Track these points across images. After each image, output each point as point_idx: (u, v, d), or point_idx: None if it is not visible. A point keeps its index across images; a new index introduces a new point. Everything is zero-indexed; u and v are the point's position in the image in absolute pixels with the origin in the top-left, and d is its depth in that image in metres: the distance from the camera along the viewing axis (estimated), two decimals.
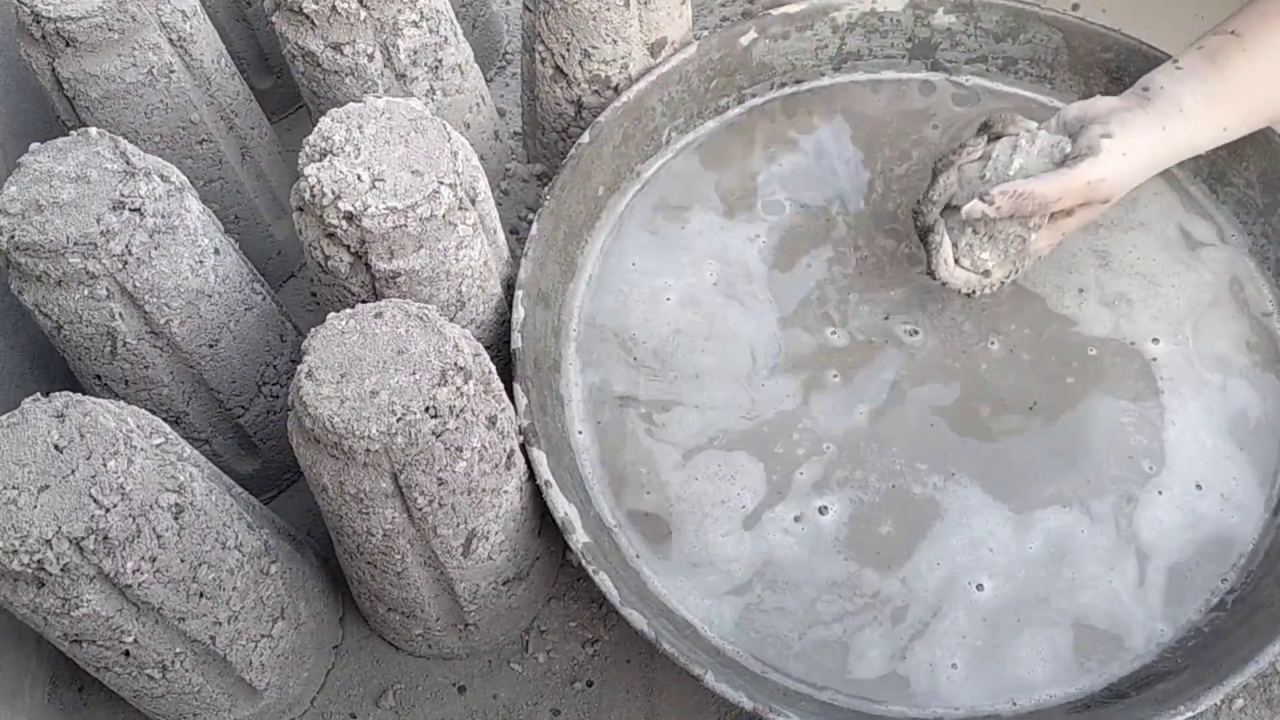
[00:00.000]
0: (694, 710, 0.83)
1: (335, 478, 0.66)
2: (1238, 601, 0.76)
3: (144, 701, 0.74)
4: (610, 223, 0.95)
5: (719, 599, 0.78)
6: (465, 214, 0.74)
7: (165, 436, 0.67)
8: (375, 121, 0.74)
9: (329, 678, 0.86)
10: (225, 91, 0.93)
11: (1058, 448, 0.82)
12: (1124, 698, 0.73)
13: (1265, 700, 0.81)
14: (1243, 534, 0.79)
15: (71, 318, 0.74)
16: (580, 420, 0.86)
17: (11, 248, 0.70)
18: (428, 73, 0.92)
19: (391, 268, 0.72)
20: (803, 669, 0.75)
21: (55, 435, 0.62)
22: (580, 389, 0.87)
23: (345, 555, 0.77)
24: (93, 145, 0.74)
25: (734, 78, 1.00)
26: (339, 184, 0.70)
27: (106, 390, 0.80)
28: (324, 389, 0.64)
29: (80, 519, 0.60)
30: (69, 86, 0.83)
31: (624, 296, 0.91)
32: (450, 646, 0.84)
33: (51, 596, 0.61)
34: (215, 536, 0.68)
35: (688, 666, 0.69)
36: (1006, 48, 1.00)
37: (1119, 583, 0.77)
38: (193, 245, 0.76)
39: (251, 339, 0.83)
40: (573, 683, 0.85)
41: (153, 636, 0.67)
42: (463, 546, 0.72)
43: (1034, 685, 0.74)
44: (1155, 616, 0.76)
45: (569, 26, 0.92)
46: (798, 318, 0.89)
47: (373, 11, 0.86)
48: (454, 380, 0.65)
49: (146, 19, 0.83)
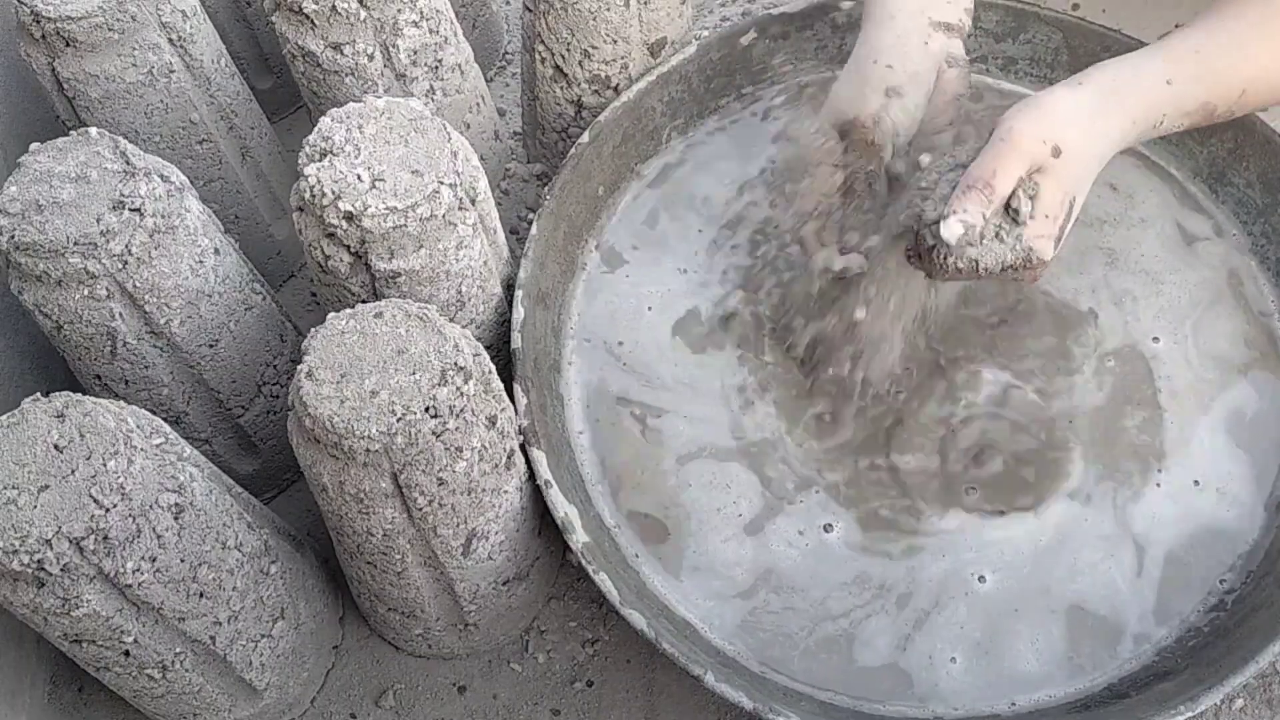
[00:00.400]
0: (694, 710, 0.83)
1: (335, 478, 0.66)
2: (1238, 601, 0.76)
3: (144, 701, 0.74)
4: (610, 223, 0.95)
5: (719, 599, 0.78)
6: (465, 214, 0.74)
7: (165, 436, 0.67)
8: (375, 121, 0.74)
9: (329, 678, 0.86)
10: (225, 91, 0.93)
11: (1059, 444, 0.83)
12: (1124, 698, 0.73)
13: (1265, 700, 0.81)
14: (1241, 532, 0.79)
15: (71, 318, 0.74)
16: (580, 420, 0.86)
17: (11, 248, 0.70)
18: (428, 73, 0.92)
19: (391, 268, 0.72)
20: (803, 668, 0.76)
21: (55, 435, 0.62)
22: (580, 389, 0.87)
23: (345, 555, 0.77)
24: (93, 145, 0.74)
25: (734, 78, 1.00)
26: (339, 184, 0.70)
27: (106, 390, 0.80)
28: (324, 389, 0.65)
29: (80, 519, 0.60)
30: (69, 86, 0.83)
31: (620, 298, 0.91)
32: (450, 646, 0.84)
33: (51, 596, 0.61)
34: (215, 536, 0.68)
35: (688, 666, 0.69)
36: (1006, 48, 1.00)
37: (1119, 579, 0.77)
38: (193, 245, 0.76)
39: (251, 339, 0.83)
40: (573, 683, 0.85)
41: (153, 636, 0.67)
42: (463, 546, 0.72)
43: (1033, 681, 0.74)
44: (1154, 614, 0.76)
45: (569, 26, 0.92)
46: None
47: (373, 11, 0.86)
48: (454, 380, 0.65)
49: (146, 19, 0.83)
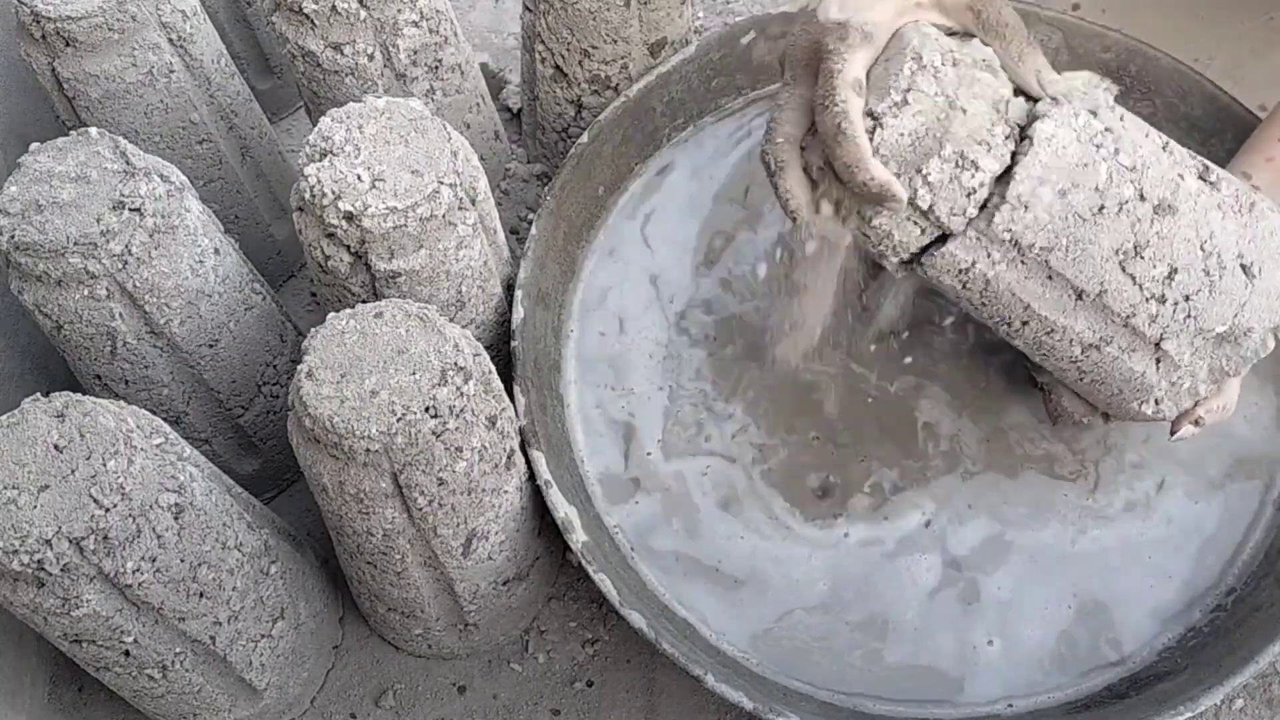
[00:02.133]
0: (694, 710, 0.83)
1: (335, 478, 0.66)
2: (1238, 601, 0.76)
3: (144, 701, 0.74)
4: (610, 223, 0.95)
5: (719, 599, 0.78)
6: (465, 214, 0.74)
7: (165, 436, 0.67)
8: (375, 121, 0.74)
9: (329, 678, 0.86)
10: (225, 91, 0.93)
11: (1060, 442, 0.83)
12: (1124, 698, 0.73)
13: (1265, 700, 0.81)
14: (1241, 530, 0.79)
15: (71, 318, 0.74)
16: (580, 420, 0.86)
17: (11, 248, 0.70)
18: (428, 73, 0.92)
19: (391, 268, 0.72)
20: (806, 669, 0.76)
21: (55, 435, 0.62)
22: (580, 389, 0.87)
23: (345, 555, 0.77)
24: (93, 145, 0.74)
25: (734, 78, 1.00)
26: (339, 184, 0.70)
27: (106, 390, 0.80)
28: (324, 389, 0.65)
29: (80, 519, 0.60)
30: (69, 86, 0.83)
31: (620, 297, 0.91)
32: (450, 646, 0.84)
33: (51, 596, 0.61)
34: (215, 536, 0.68)
35: (687, 666, 0.69)
36: None
37: (1121, 575, 0.78)
38: (193, 245, 0.76)
39: (251, 339, 0.83)
40: (573, 683, 0.85)
41: (153, 636, 0.67)
42: (463, 546, 0.72)
43: (1036, 679, 0.75)
44: (1154, 614, 0.77)
45: (569, 26, 0.92)
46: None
47: (373, 11, 0.86)
48: (454, 380, 0.65)
49: (146, 19, 0.83)
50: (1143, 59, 0.93)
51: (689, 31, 1.00)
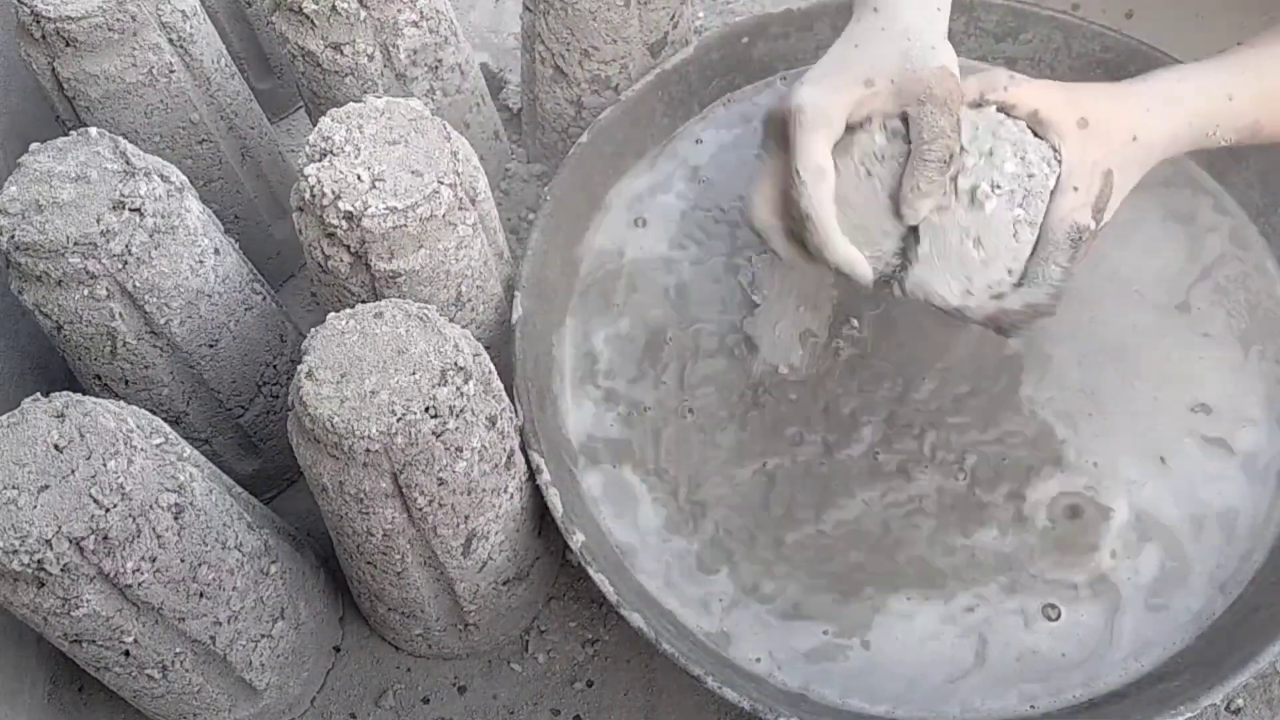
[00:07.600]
0: (694, 710, 0.83)
1: (335, 478, 0.66)
2: (1238, 601, 0.76)
3: (144, 701, 0.74)
4: (610, 222, 0.95)
5: (720, 599, 0.78)
6: (465, 214, 0.74)
7: (165, 436, 0.67)
8: (375, 121, 0.74)
9: (329, 678, 0.86)
10: (225, 91, 0.93)
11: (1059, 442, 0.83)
12: (1124, 698, 0.73)
13: (1265, 700, 0.81)
14: (1242, 529, 0.79)
15: (71, 318, 0.74)
16: (580, 420, 0.86)
17: (11, 248, 0.70)
18: (428, 73, 0.92)
19: (391, 268, 0.72)
20: (810, 672, 0.76)
21: (55, 435, 0.62)
22: (580, 389, 0.87)
23: (345, 555, 0.77)
24: (93, 145, 0.74)
25: (734, 78, 1.00)
26: (339, 184, 0.70)
27: (106, 390, 0.80)
28: (324, 389, 0.65)
29: (80, 519, 0.60)
30: (69, 86, 0.83)
31: (620, 297, 0.91)
32: (450, 646, 0.84)
33: (51, 596, 0.61)
34: (215, 536, 0.68)
35: (687, 666, 0.69)
36: (1006, 48, 1.00)
37: (1121, 575, 0.78)
38: (193, 245, 0.76)
39: (251, 339, 0.83)
40: (573, 683, 0.85)
41: (153, 636, 0.67)
42: (463, 546, 0.72)
43: (1038, 679, 0.75)
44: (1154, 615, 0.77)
45: (569, 26, 0.92)
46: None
47: (373, 11, 0.86)
48: (454, 380, 0.65)
49: (146, 19, 0.83)
50: (1143, 59, 0.93)
51: (689, 31, 1.00)
